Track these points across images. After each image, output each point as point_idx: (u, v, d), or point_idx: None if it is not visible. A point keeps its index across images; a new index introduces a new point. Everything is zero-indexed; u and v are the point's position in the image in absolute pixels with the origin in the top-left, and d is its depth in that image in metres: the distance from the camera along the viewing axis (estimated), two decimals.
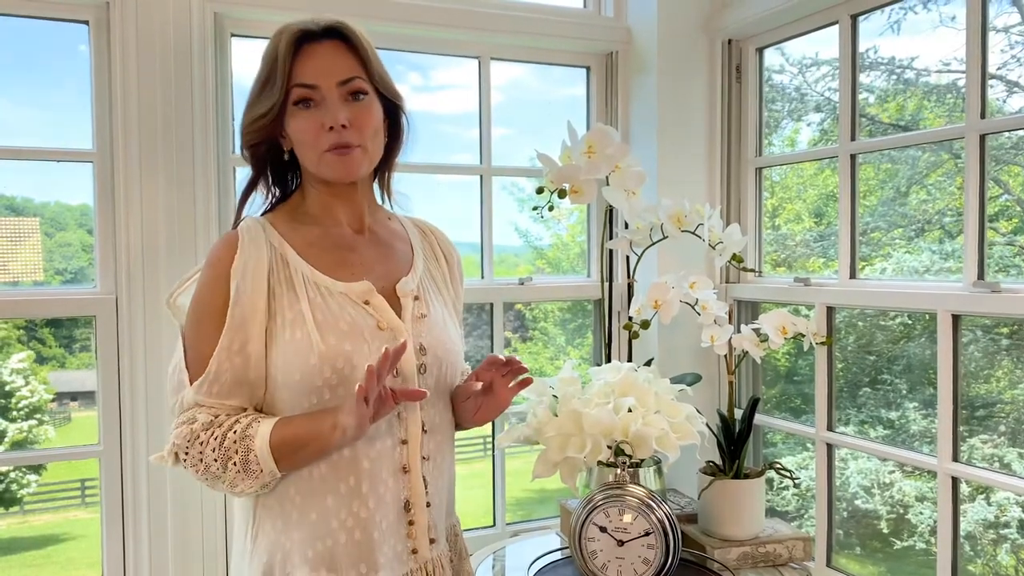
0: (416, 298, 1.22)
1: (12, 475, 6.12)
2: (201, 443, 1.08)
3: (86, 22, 1.73)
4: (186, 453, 1.10)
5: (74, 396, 6.56)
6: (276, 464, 1.08)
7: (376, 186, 1.31)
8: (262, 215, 1.23)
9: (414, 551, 1.17)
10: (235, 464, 1.08)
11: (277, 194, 1.26)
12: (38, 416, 6.19)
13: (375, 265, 1.22)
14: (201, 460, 1.09)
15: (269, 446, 1.07)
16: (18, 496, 6.35)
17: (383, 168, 1.28)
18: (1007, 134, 2.00)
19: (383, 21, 1.92)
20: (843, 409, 2.57)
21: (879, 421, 2.81)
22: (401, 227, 1.33)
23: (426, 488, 1.19)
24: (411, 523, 1.17)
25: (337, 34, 1.17)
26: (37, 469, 6.33)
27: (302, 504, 1.13)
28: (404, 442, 1.17)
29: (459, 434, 1.35)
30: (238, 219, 1.22)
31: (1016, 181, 2.36)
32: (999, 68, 1.84)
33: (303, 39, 1.14)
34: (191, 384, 1.11)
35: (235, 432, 1.08)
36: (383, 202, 1.33)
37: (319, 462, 1.12)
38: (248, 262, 1.13)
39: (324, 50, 1.15)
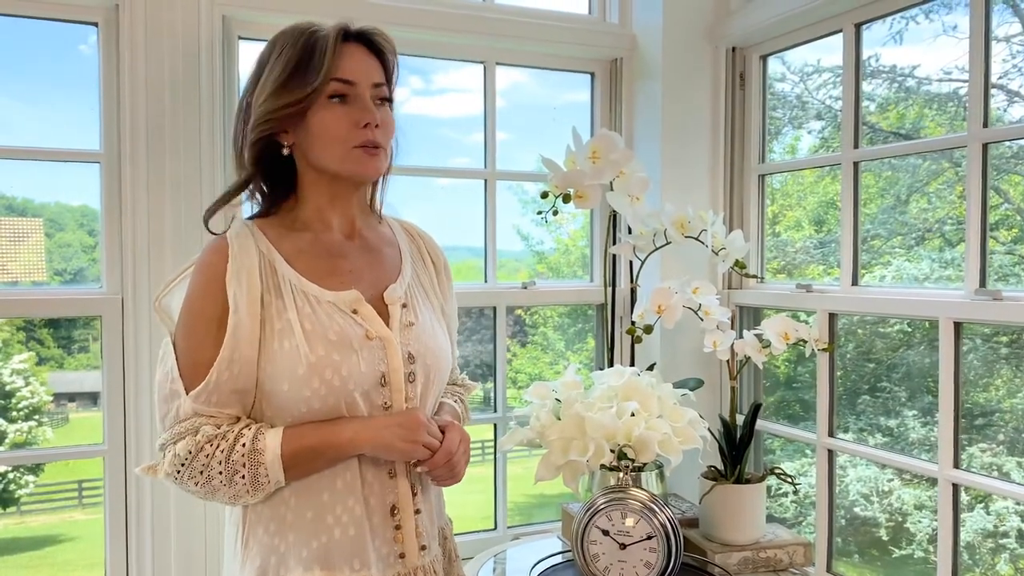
0: (404, 305, 1.22)
1: (10, 476, 6.11)
2: (207, 455, 1.08)
3: (95, 23, 1.74)
4: (186, 465, 1.08)
5: (72, 397, 6.54)
6: (284, 476, 1.09)
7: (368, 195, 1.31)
8: (250, 219, 1.22)
9: (401, 555, 1.17)
10: (243, 478, 1.08)
11: (266, 198, 1.24)
12: (37, 417, 6.18)
13: (364, 272, 1.22)
14: (203, 472, 1.08)
15: (280, 459, 1.08)
16: (16, 497, 6.33)
17: (376, 179, 1.28)
18: (1007, 143, 2.01)
19: (390, 25, 1.90)
20: (842, 417, 2.58)
21: (878, 429, 2.81)
22: (390, 231, 1.32)
23: (414, 495, 1.19)
24: (397, 528, 1.17)
25: (368, 41, 1.19)
26: (35, 470, 6.31)
27: (297, 504, 1.13)
28: None
29: None
30: (210, 215, 1.21)
31: (1016, 191, 2.37)
32: (1000, 77, 1.86)
33: (343, 38, 1.15)
34: (187, 393, 1.10)
35: (243, 446, 1.08)
36: (372, 209, 1.32)
37: None
38: (240, 269, 1.13)
39: (359, 51, 1.17)
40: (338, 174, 1.18)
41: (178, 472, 1.09)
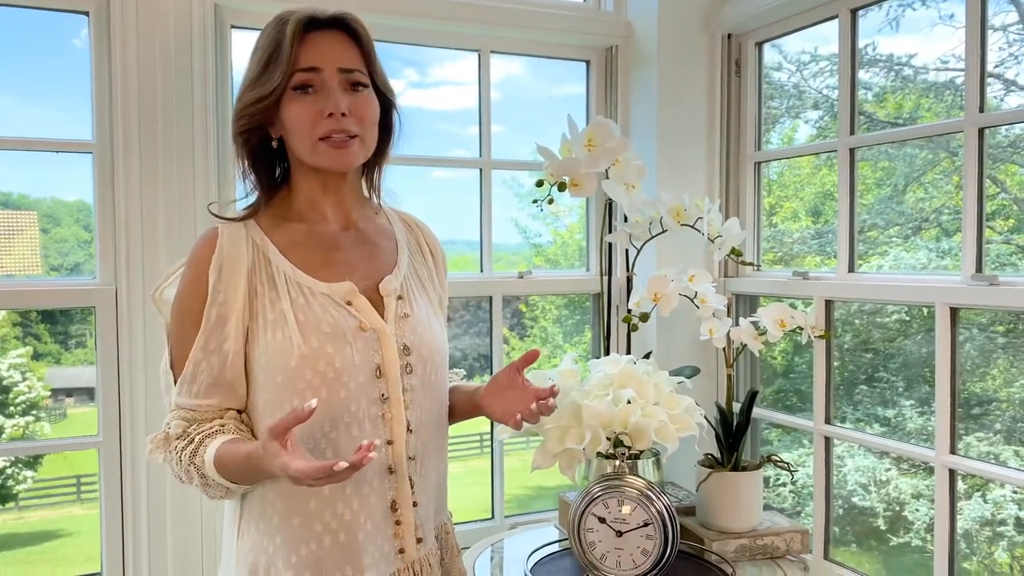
0: (400, 297, 1.21)
1: (8, 471, 6.11)
2: (170, 452, 1.11)
3: (86, 13, 1.73)
4: (163, 459, 1.13)
5: (69, 392, 6.55)
6: (235, 484, 1.09)
7: (364, 184, 1.29)
8: (246, 209, 1.21)
9: (401, 551, 1.17)
10: (197, 484, 1.10)
11: (262, 188, 1.22)
12: (35, 412, 6.19)
13: (359, 264, 1.21)
14: (172, 469, 1.12)
15: (217, 472, 1.07)
16: (14, 492, 6.34)
17: (372, 165, 1.26)
18: (1003, 132, 2.01)
19: (383, 14, 1.92)
20: (839, 407, 2.58)
21: (875, 419, 2.82)
22: (387, 222, 1.31)
23: (412, 488, 1.18)
24: (398, 523, 1.16)
25: (342, 25, 1.16)
26: (33, 465, 6.32)
27: (283, 508, 1.12)
28: (389, 442, 1.16)
29: (455, 432, 1.34)
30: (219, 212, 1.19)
31: (1013, 180, 2.37)
32: (996, 66, 1.85)
33: (309, 25, 1.13)
34: (175, 384, 1.13)
35: (187, 457, 1.09)
36: (370, 198, 1.31)
37: None
38: (225, 260, 1.12)
39: (328, 38, 1.14)
40: (312, 166, 1.16)
41: (162, 461, 1.14)
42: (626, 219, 1.99)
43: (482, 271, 2.16)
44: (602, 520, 1.49)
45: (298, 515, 1.11)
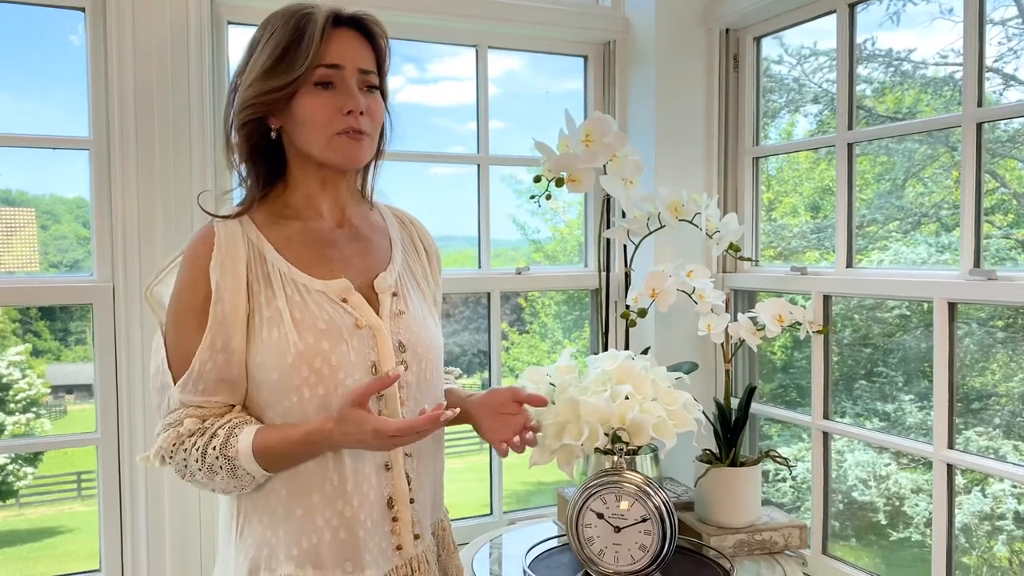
0: (394, 294, 1.21)
1: (9, 467, 6.12)
2: (185, 450, 1.09)
3: (82, 9, 1.72)
4: (171, 457, 1.11)
5: (69, 389, 6.55)
6: (265, 471, 1.09)
7: (359, 181, 1.30)
8: (240, 206, 1.21)
9: (398, 547, 1.17)
10: (223, 479, 1.09)
11: (256, 183, 1.21)
12: (35, 409, 6.19)
13: (354, 260, 1.21)
14: (186, 467, 1.10)
15: (253, 458, 1.08)
16: (14, 488, 6.35)
17: (369, 163, 1.27)
18: (1003, 127, 2.00)
19: (381, 9, 1.89)
20: (838, 402, 2.58)
21: (874, 414, 2.81)
22: (381, 219, 1.31)
23: (409, 484, 1.19)
24: (395, 520, 1.17)
25: (360, 25, 1.17)
26: (33, 461, 6.32)
27: (288, 499, 1.12)
28: None
29: (455, 428, 1.34)
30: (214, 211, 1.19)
31: (1012, 175, 2.37)
32: (995, 61, 1.85)
33: (334, 22, 1.14)
34: (175, 383, 1.12)
35: (215, 449, 1.08)
36: (364, 195, 1.31)
37: None
38: (225, 258, 1.12)
39: (350, 37, 1.15)
40: (322, 161, 1.16)
41: (162, 462, 1.12)
42: (624, 215, 1.99)
43: (480, 267, 2.16)
44: (600, 516, 1.49)
45: (301, 507, 1.12)
